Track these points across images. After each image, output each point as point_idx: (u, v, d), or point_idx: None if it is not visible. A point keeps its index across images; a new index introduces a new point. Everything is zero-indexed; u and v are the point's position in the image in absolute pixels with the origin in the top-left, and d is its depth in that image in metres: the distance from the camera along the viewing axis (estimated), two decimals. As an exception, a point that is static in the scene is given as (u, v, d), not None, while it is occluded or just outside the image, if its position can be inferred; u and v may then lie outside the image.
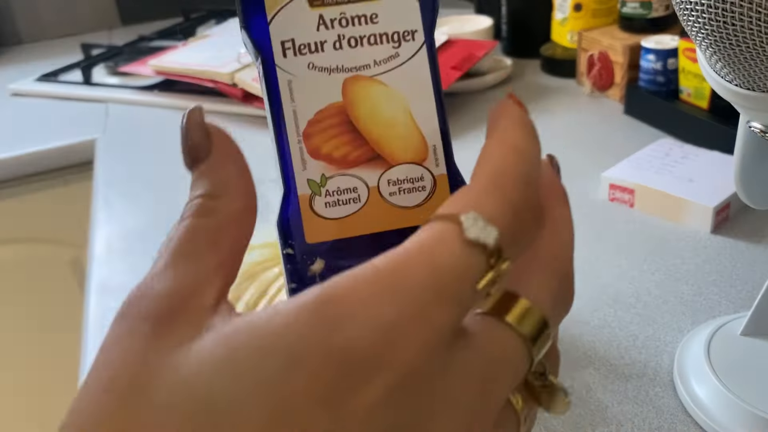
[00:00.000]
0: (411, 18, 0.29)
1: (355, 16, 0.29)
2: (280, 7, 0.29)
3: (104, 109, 1.14)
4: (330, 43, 0.29)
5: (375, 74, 0.29)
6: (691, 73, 0.84)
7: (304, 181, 0.29)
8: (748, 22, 0.32)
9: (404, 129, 0.29)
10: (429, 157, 0.29)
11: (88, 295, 0.68)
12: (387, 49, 0.29)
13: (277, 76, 0.29)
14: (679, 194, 0.69)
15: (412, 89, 0.29)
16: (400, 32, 0.29)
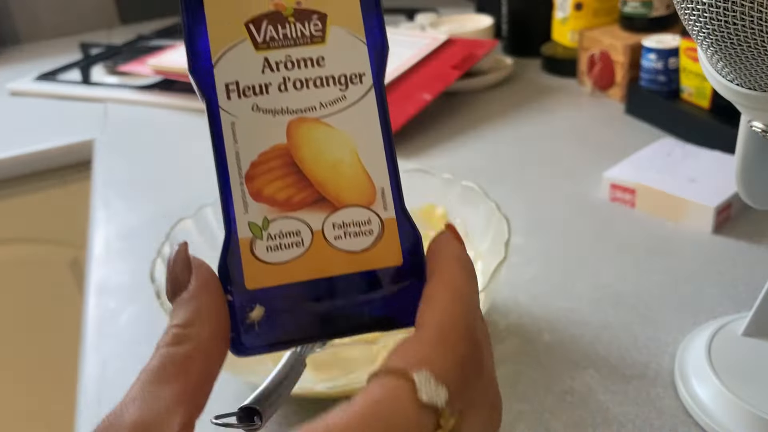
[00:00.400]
0: (358, 61, 0.29)
1: (301, 59, 0.29)
2: (225, 50, 0.29)
3: (103, 108, 1.14)
4: (275, 86, 0.29)
5: (321, 116, 0.29)
6: (693, 73, 0.83)
7: (245, 224, 0.28)
8: (749, 21, 0.32)
9: (350, 171, 0.29)
10: (377, 200, 0.29)
11: (87, 295, 0.68)
12: (334, 91, 0.29)
13: (221, 117, 0.28)
14: (681, 194, 0.68)
15: (359, 131, 0.29)
16: (347, 75, 0.29)
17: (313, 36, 0.29)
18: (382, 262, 0.28)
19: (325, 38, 0.29)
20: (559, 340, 0.55)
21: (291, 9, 0.29)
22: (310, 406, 0.52)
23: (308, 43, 0.29)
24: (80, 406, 0.55)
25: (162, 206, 0.82)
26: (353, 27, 0.29)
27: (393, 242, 0.28)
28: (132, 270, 0.71)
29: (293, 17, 0.29)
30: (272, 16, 0.29)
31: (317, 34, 0.29)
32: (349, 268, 0.28)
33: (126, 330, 0.62)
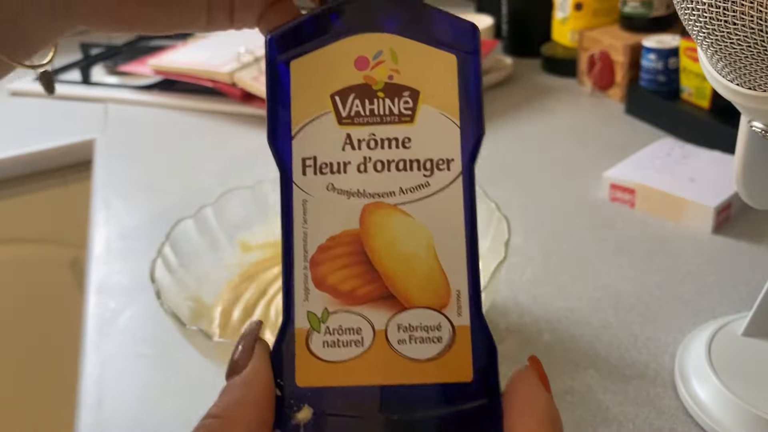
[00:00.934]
0: (448, 145, 0.26)
1: (386, 139, 0.26)
2: (307, 122, 0.27)
3: (103, 108, 1.14)
4: (354, 165, 0.26)
5: (399, 203, 0.26)
6: (693, 73, 0.83)
7: (304, 313, 0.26)
8: (749, 21, 0.32)
9: (425, 268, 0.26)
10: (451, 304, 0.26)
11: (87, 295, 0.68)
12: (417, 176, 0.26)
13: (293, 193, 0.26)
14: (680, 194, 0.68)
15: (440, 224, 0.26)
16: (433, 160, 0.26)
17: (401, 114, 0.27)
18: (449, 375, 0.25)
19: (414, 118, 0.27)
20: (558, 340, 0.55)
21: (382, 83, 0.27)
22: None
23: (395, 122, 0.26)
24: (80, 406, 0.55)
25: (162, 206, 0.82)
26: (447, 107, 0.27)
27: (464, 354, 0.25)
28: (132, 270, 0.71)
29: (383, 92, 0.27)
30: (361, 89, 0.27)
31: (406, 112, 0.27)
32: (410, 378, 0.25)
33: (126, 330, 0.62)
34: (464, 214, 0.26)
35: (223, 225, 0.62)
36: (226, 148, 0.96)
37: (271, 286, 0.60)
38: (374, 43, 0.27)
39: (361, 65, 0.27)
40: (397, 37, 0.27)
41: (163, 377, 0.56)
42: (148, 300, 0.64)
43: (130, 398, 0.55)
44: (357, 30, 0.27)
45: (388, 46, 0.27)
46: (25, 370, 1.22)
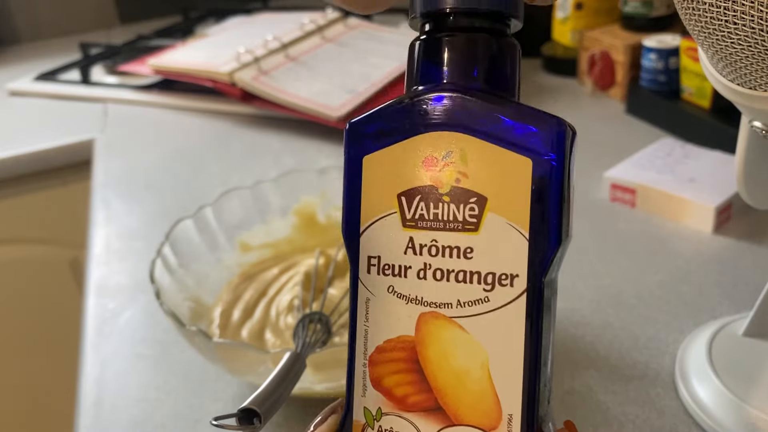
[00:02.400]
0: (513, 259, 0.24)
1: (447, 247, 0.25)
2: (374, 219, 0.26)
3: (103, 108, 1.14)
4: (414, 270, 0.25)
5: (456, 316, 0.25)
6: (693, 73, 0.83)
7: (361, 408, 0.26)
8: (750, 21, 0.31)
9: (477, 386, 0.25)
10: (501, 427, 0.24)
11: (87, 295, 0.68)
12: (476, 290, 0.25)
13: (358, 290, 0.26)
14: (681, 194, 0.68)
15: (496, 343, 0.25)
16: (496, 274, 0.25)
17: (466, 222, 0.25)
18: None
19: (479, 227, 0.25)
20: (559, 341, 0.55)
21: (449, 186, 0.25)
22: (310, 406, 0.51)
23: (459, 230, 0.25)
24: (80, 406, 0.55)
25: (162, 206, 0.82)
26: (516, 217, 0.24)
27: None
28: (132, 270, 0.71)
29: (449, 196, 0.25)
30: (427, 191, 0.25)
31: (471, 220, 0.25)
32: None
33: (125, 330, 0.62)
34: (525, 335, 0.24)
35: (223, 225, 0.62)
36: (226, 148, 0.96)
37: (270, 287, 0.60)
38: (445, 142, 0.25)
39: (429, 165, 0.25)
40: (469, 137, 0.25)
41: (162, 378, 0.56)
42: (148, 300, 0.64)
43: (130, 398, 0.55)
44: (430, 127, 0.25)
45: (459, 146, 0.25)
46: (24, 371, 1.22)
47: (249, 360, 0.47)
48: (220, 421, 0.32)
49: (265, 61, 1.04)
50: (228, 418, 0.32)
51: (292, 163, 0.88)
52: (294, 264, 0.62)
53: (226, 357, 0.48)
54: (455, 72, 0.26)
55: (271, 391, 0.34)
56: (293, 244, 0.65)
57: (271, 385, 0.35)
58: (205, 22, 1.54)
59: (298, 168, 0.67)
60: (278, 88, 0.99)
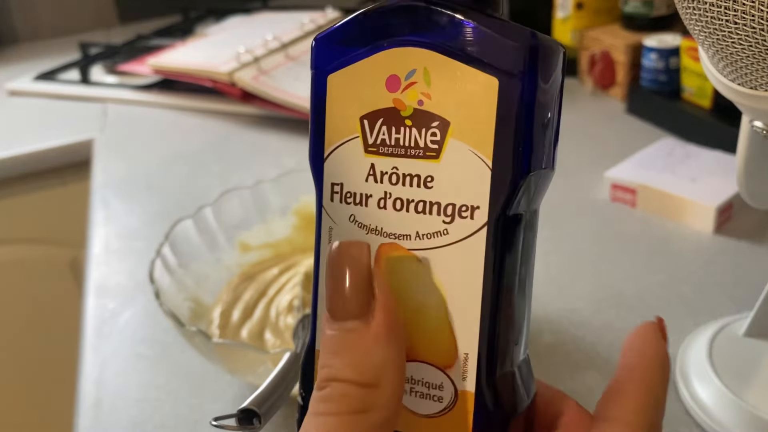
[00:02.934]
0: (474, 190, 0.22)
1: (408, 175, 0.23)
2: (338, 144, 0.24)
3: (102, 108, 1.13)
4: (375, 199, 0.24)
5: (414, 248, 0.23)
6: (694, 72, 0.83)
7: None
8: (750, 20, 0.31)
9: (433, 323, 0.23)
10: (456, 366, 0.23)
11: (86, 295, 0.68)
12: (436, 222, 0.23)
13: (322, 218, 0.25)
14: (682, 194, 0.68)
15: (455, 279, 0.23)
16: (456, 205, 0.23)
17: (427, 149, 0.23)
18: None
19: (440, 154, 0.23)
20: (560, 341, 0.55)
21: (411, 109, 0.23)
22: (310, 407, 0.51)
23: (420, 156, 0.23)
24: (79, 407, 0.55)
25: (161, 206, 0.82)
26: (478, 144, 0.22)
27: (464, 421, 0.23)
28: (131, 270, 0.71)
29: (411, 120, 0.23)
30: (389, 114, 0.23)
31: (432, 146, 0.23)
32: (406, 428, 0.24)
33: (125, 330, 0.62)
34: (485, 271, 0.23)
35: (223, 225, 0.62)
36: (226, 148, 0.96)
37: (270, 287, 0.59)
38: (408, 59, 0.23)
39: (392, 86, 0.23)
40: (434, 53, 0.23)
41: (162, 378, 0.56)
42: (148, 300, 0.64)
43: (129, 399, 0.54)
44: (393, 43, 0.23)
45: (422, 64, 0.23)
46: (23, 371, 1.22)
47: (249, 360, 0.47)
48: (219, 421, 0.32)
49: (265, 61, 1.04)
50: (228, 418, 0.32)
51: (292, 163, 0.87)
52: (294, 264, 0.62)
53: (225, 357, 0.48)
54: None
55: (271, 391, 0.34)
56: (293, 244, 0.65)
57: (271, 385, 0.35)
58: (204, 22, 1.54)
59: (298, 168, 0.66)
60: (278, 87, 0.99)
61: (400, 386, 0.21)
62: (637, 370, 0.23)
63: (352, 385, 0.20)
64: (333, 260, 0.21)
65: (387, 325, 0.21)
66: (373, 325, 0.20)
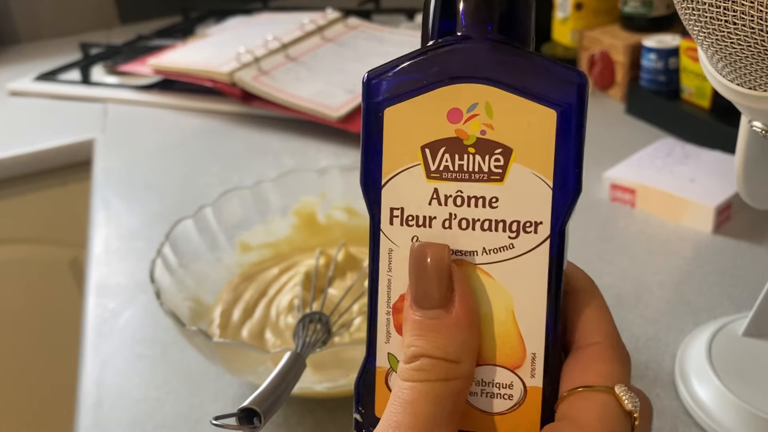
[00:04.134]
0: (538, 207, 0.25)
1: (473, 197, 0.26)
2: (397, 172, 0.26)
3: (103, 108, 1.14)
4: (439, 221, 0.26)
5: (481, 263, 0.26)
6: (693, 73, 0.83)
7: (385, 354, 0.27)
8: (750, 20, 0.31)
9: (502, 329, 0.26)
10: (525, 365, 0.26)
11: (87, 295, 0.68)
12: (501, 238, 0.26)
13: (380, 241, 0.27)
14: (681, 194, 0.68)
15: (521, 287, 0.26)
16: (520, 222, 0.25)
17: (491, 173, 0.26)
18: (517, 431, 0.26)
19: (504, 177, 0.25)
20: (559, 341, 0.55)
21: (474, 138, 0.26)
22: (310, 406, 0.51)
23: (484, 180, 0.26)
24: (80, 407, 0.55)
25: (162, 206, 0.82)
26: (540, 167, 0.25)
27: (533, 413, 0.26)
28: (132, 270, 0.71)
29: (474, 148, 0.26)
30: (451, 143, 0.26)
31: (496, 171, 0.25)
32: (479, 428, 0.26)
33: (125, 330, 0.62)
34: (548, 279, 0.25)
35: (223, 225, 0.62)
36: (226, 148, 0.96)
37: (270, 287, 0.60)
38: (469, 94, 0.25)
39: (453, 118, 0.26)
40: (494, 89, 0.25)
41: (162, 378, 0.56)
42: (148, 300, 0.64)
43: (130, 398, 0.55)
44: (454, 79, 0.26)
45: (484, 98, 0.25)
46: (24, 371, 1.22)
47: (249, 360, 0.47)
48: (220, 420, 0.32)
49: (265, 61, 1.04)
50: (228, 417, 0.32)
51: (292, 163, 0.88)
52: (294, 264, 0.62)
53: (226, 357, 0.48)
54: (472, 23, 0.26)
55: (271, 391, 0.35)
56: (293, 244, 0.65)
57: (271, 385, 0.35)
58: (205, 22, 1.54)
59: (298, 168, 0.67)
60: (278, 88, 0.99)
61: (475, 362, 0.25)
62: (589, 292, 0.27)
63: (440, 360, 0.24)
64: (417, 256, 0.25)
65: (465, 313, 0.25)
66: (454, 313, 0.24)
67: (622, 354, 0.26)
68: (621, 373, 0.25)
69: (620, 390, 0.24)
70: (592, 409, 0.24)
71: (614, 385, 0.24)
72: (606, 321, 0.26)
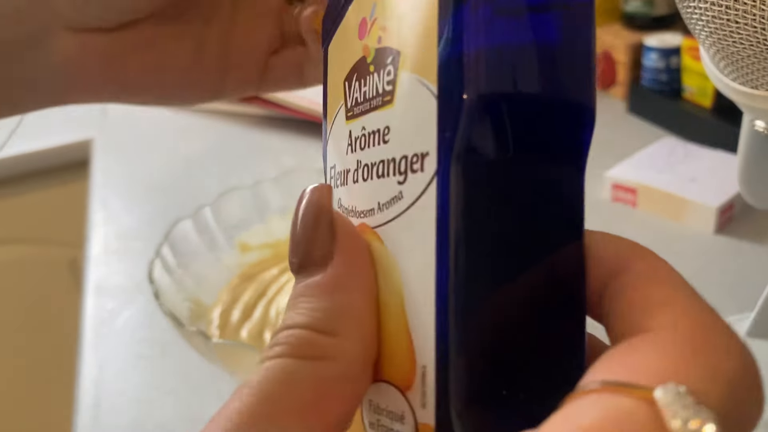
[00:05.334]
0: (423, 131, 0.16)
1: (372, 133, 0.19)
2: (332, 121, 0.21)
3: (102, 108, 1.13)
4: (351, 174, 0.20)
5: (376, 225, 0.18)
6: (695, 72, 0.83)
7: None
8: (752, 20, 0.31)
9: (392, 324, 0.17)
10: (415, 386, 0.17)
11: (85, 295, 0.68)
12: (392, 185, 0.17)
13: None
14: (683, 194, 0.68)
15: (409, 259, 0.17)
16: (408, 157, 0.17)
17: (384, 93, 0.18)
18: None
19: (393, 95, 0.18)
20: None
21: (373, 51, 0.19)
22: (310, 407, 0.51)
23: (379, 106, 0.18)
24: (78, 407, 0.54)
25: (161, 206, 0.82)
26: (424, 68, 0.16)
27: None
28: (130, 270, 0.70)
29: (373, 65, 0.19)
30: (360, 66, 0.19)
31: (388, 88, 0.18)
32: None
33: (124, 331, 0.62)
34: (438, 244, 0.15)
35: (222, 225, 0.62)
36: (226, 147, 0.96)
37: (270, 287, 0.59)
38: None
39: (362, 31, 0.19)
40: None
41: (161, 378, 0.56)
42: (147, 301, 0.64)
43: (128, 399, 0.54)
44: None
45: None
46: (22, 371, 1.22)
47: (249, 360, 0.47)
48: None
49: (265, 61, 1.04)
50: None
51: (292, 163, 0.87)
52: (293, 264, 0.61)
53: (225, 357, 0.47)
54: None
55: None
56: (293, 245, 0.64)
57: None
58: (205, 22, 1.53)
59: (298, 168, 0.66)
60: (278, 87, 0.99)
61: (365, 341, 0.17)
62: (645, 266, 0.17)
63: (305, 329, 0.16)
64: (297, 207, 0.19)
65: (345, 268, 0.17)
66: (329, 270, 0.17)
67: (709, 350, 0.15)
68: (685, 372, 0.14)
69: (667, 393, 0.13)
70: (583, 413, 0.13)
71: (656, 385, 0.13)
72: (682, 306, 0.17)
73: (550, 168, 0.16)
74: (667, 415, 0.13)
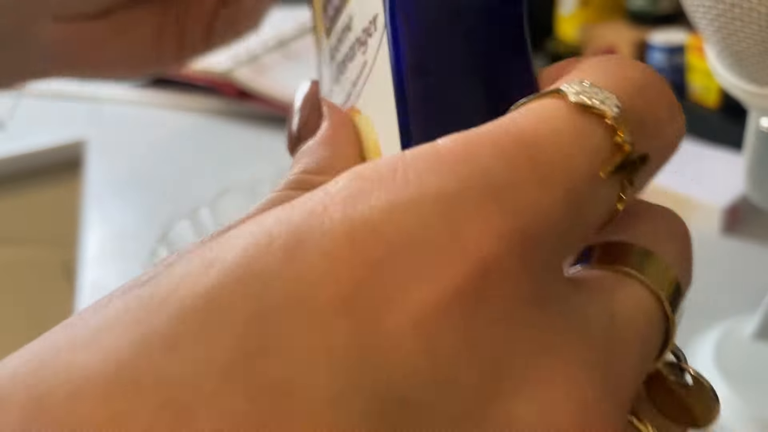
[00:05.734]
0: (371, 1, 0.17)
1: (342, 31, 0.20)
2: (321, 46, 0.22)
3: (96, 107, 1.13)
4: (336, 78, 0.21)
5: (357, 102, 0.19)
6: (700, 70, 0.83)
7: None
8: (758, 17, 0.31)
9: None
10: None
11: (80, 297, 0.68)
12: (359, 59, 0.18)
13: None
14: (688, 194, 0.68)
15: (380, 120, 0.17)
16: (367, 29, 0.17)
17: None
18: None
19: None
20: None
21: None
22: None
23: (343, 5, 0.19)
24: (70, 413, 0.54)
25: (156, 207, 0.81)
26: None
27: None
28: (125, 271, 0.70)
29: None
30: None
31: None
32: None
33: (119, 333, 0.61)
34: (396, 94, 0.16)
35: (219, 225, 0.61)
36: (223, 147, 0.95)
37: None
38: None
39: None
40: None
41: (155, 383, 0.55)
42: (141, 303, 0.63)
43: (121, 404, 0.54)
44: None
45: None
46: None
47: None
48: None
49: (263, 59, 1.04)
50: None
51: (290, 163, 0.87)
52: (290, 266, 0.61)
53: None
54: None
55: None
56: (290, 246, 0.64)
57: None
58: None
59: (295, 168, 0.66)
60: (276, 86, 0.99)
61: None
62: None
63: (303, 173, 0.19)
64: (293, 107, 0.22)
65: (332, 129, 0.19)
66: (318, 133, 0.20)
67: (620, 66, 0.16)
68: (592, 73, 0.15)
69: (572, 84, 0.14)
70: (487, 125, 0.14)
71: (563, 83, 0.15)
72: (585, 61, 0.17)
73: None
74: (572, 94, 0.14)
